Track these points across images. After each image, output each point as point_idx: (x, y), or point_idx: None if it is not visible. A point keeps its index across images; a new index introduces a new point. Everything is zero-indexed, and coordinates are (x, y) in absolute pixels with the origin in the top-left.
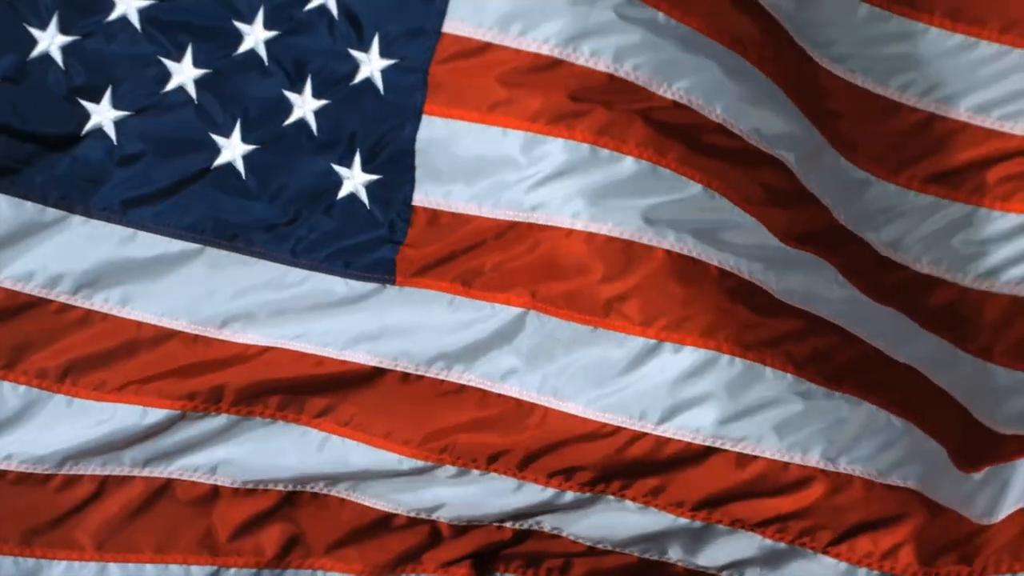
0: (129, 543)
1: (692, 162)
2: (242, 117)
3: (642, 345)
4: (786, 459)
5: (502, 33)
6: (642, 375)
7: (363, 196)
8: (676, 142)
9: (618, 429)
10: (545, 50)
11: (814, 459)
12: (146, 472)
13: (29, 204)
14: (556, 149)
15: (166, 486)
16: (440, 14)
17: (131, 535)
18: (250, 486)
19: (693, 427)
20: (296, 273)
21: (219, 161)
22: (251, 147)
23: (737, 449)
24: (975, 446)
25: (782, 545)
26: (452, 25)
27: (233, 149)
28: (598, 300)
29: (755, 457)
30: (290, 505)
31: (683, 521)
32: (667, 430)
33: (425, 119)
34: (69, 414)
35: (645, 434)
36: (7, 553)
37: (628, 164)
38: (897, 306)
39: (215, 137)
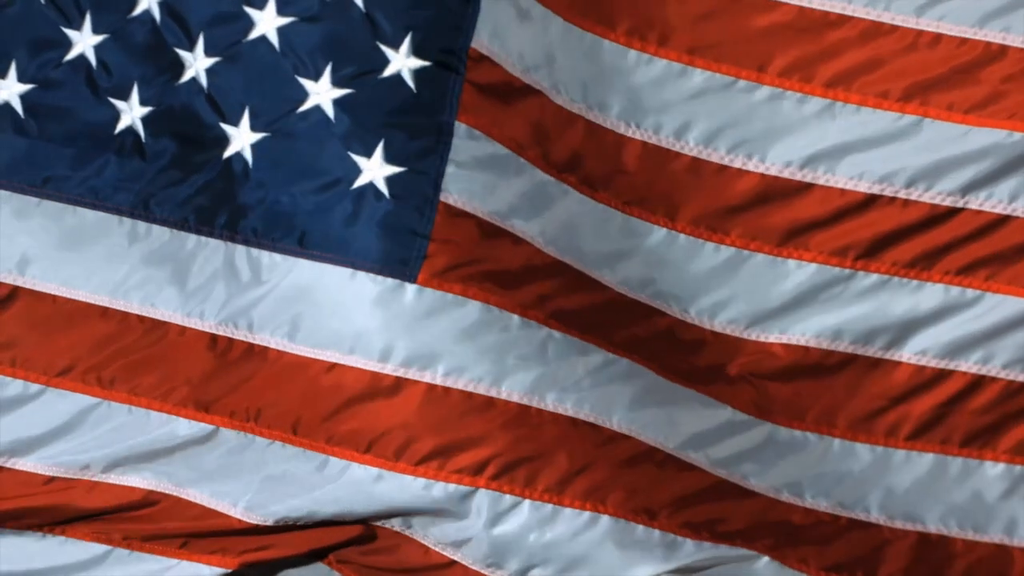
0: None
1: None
2: (250, 105)
3: None
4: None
5: (508, 58)
6: None
7: (383, 187)
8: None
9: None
10: (538, 87)
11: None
12: (183, 493)
13: (74, 209)
14: (551, 183)
15: (201, 512)
16: (471, 26)
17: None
18: (281, 523)
19: None
20: (308, 267)
21: (229, 151)
22: (260, 135)
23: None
24: None
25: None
26: (480, 41)
27: (242, 138)
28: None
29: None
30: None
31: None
32: None
33: (458, 125)
34: (111, 421)
35: None
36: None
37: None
38: None
39: (224, 127)
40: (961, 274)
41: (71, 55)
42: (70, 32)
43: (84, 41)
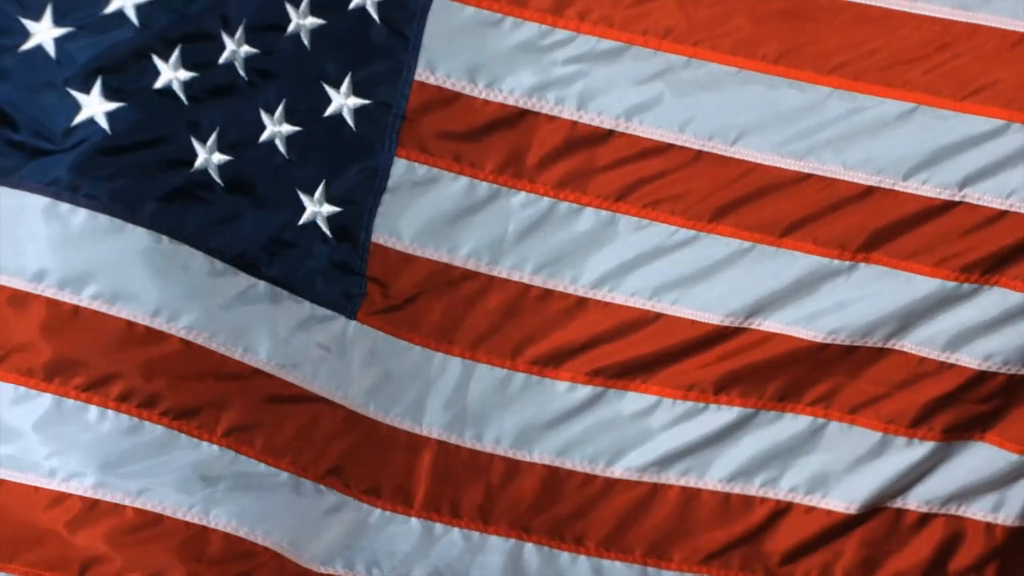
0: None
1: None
2: (220, 125)
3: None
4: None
5: (470, 84)
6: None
7: (324, 226)
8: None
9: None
10: (511, 101)
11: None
12: (139, 503)
13: (30, 197)
14: (518, 203)
15: (157, 520)
16: (412, 62)
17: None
18: (245, 544)
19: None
20: (267, 289)
21: (196, 165)
22: (226, 157)
23: None
24: None
25: None
26: (423, 74)
27: (208, 156)
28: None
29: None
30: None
31: None
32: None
33: (397, 161)
34: (60, 416)
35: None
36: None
37: (587, 216)
38: None
39: (194, 142)
40: (960, 269)
41: (28, 44)
42: (27, 22)
43: (45, 32)
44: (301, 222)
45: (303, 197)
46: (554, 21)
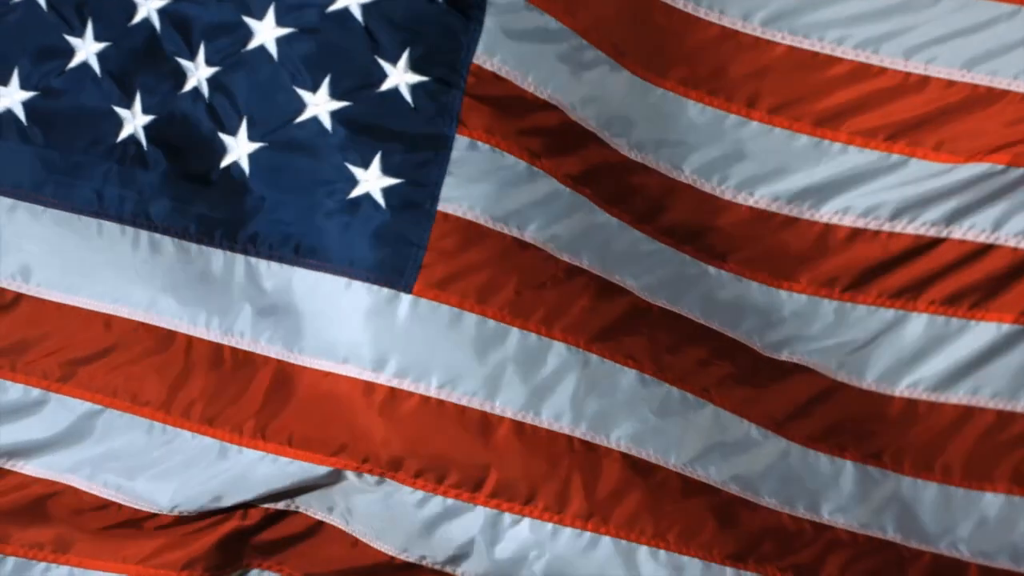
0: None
1: None
2: (248, 115)
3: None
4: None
5: (517, 73)
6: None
7: (379, 198)
8: None
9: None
10: (545, 95)
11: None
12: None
13: (78, 217)
14: (550, 186)
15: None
16: (472, 44)
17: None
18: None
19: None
20: (305, 276)
21: (227, 161)
22: (257, 145)
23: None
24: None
25: None
26: (482, 57)
27: (240, 148)
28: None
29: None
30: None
31: None
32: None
33: (458, 138)
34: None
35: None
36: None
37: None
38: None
39: (223, 136)
40: (946, 304)
41: (74, 62)
42: (72, 39)
43: (87, 48)
44: (351, 196)
45: (355, 171)
46: None
